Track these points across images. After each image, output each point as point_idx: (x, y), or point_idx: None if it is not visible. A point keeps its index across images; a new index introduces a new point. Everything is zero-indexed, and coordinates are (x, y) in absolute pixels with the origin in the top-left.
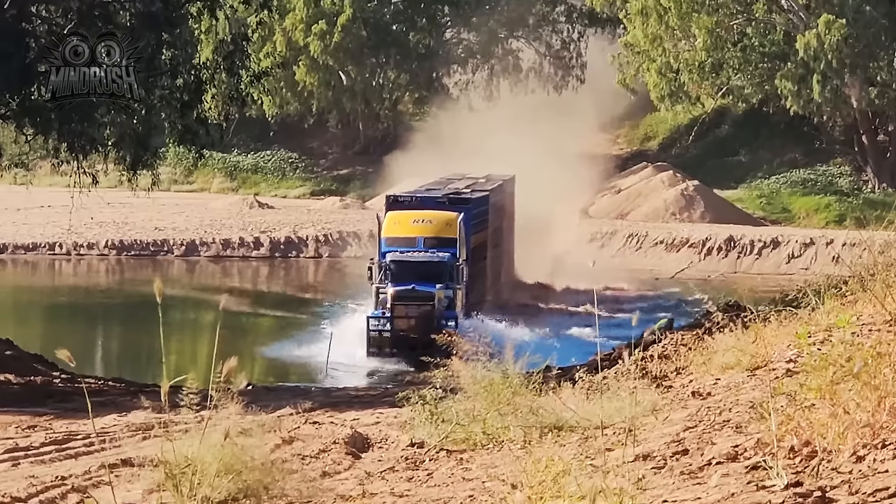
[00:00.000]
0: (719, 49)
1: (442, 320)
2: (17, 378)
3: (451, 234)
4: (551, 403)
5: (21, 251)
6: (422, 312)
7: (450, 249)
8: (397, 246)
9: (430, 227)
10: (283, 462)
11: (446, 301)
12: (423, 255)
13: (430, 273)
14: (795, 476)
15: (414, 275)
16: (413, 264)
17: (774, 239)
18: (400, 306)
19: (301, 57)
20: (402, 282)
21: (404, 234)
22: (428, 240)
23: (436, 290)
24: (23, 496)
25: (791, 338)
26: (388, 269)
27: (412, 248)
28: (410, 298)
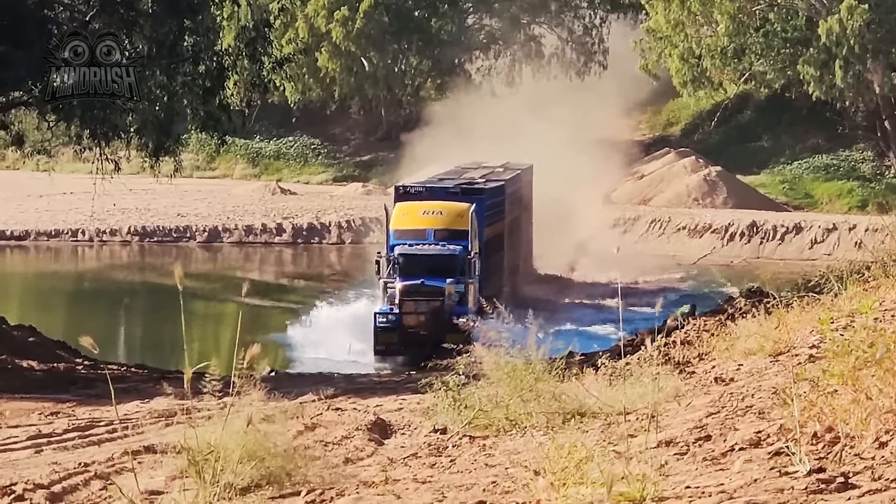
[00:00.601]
0: (742, 34)
1: (453, 316)
2: (40, 365)
3: (462, 225)
4: (574, 389)
5: (44, 238)
6: (431, 308)
7: (461, 242)
8: (406, 238)
9: (440, 218)
10: (305, 448)
11: (457, 296)
12: (434, 248)
13: (440, 267)
14: (818, 462)
15: (423, 269)
16: (423, 258)
17: (797, 224)
18: (408, 302)
19: (323, 43)
20: (411, 276)
21: (414, 227)
22: (438, 232)
23: (446, 285)
24: (46, 483)
25: (814, 323)
26: (396, 263)
27: (422, 241)
28: (419, 293)
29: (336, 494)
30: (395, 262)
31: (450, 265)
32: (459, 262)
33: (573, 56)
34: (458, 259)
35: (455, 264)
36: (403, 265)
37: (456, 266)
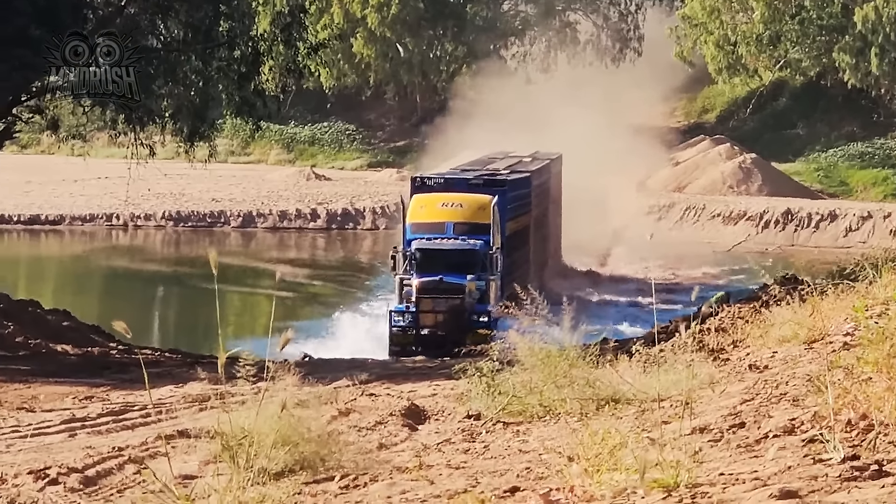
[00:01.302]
0: (777, 21)
1: (473, 315)
2: (74, 349)
3: (484, 219)
4: (608, 376)
5: (78, 222)
6: (450, 306)
7: (482, 236)
8: (424, 232)
9: (460, 211)
10: (339, 434)
11: (478, 294)
12: (453, 242)
13: (460, 263)
14: (852, 449)
15: (442, 264)
16: (441, 253)
17: (832, 212)
18: (426, 299)
19: (358, 29)
20: (429, 272)
21: (432, 220)
22: (458, 225)
23: (466, 282)
24: (80, 467)
25: (848, 311)
26: (413, 259)
27: (440, 235)
28: (438, 291)
29: (370, 480)
30: (411, 257)
31: (470, 261)
32: (480, 257)
33: (608, 43)
34: (479, 254)
35: (476, 260)
36: (421, 260)
37: (477, 262)
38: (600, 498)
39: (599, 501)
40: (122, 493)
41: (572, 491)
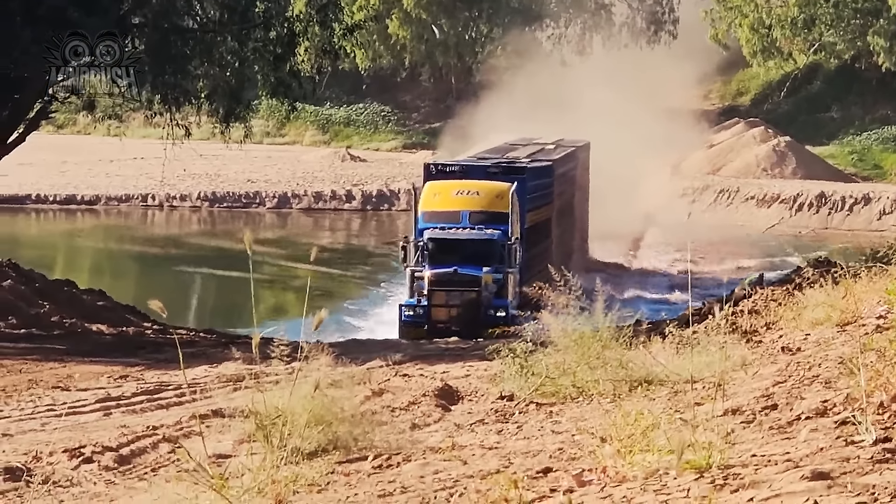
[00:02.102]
0: (812, 5)
1: (490, 310)
2: (109, 329)
3: (502, 207)
4: (641, 357)
5: (114, 202)
6: (465, 300)
7: (500, 226)
8: (437, 221)
9: (476, 199)
10: (372, 414)
11: (495, 287)
12: (468, 232)
13: (475, 254)
14: (884, 432)
15: (457, 255)
16: (456, 243)
17: (866, 195)
18: (439, 292)
19: (394, 10)
20: (442, 264)
21: (446, 208)
22: (474, 214)
23: (482, 274)
24: (114, 445)
25: (881, 294)
26: (425, 249)
27: (455, 225)
28: (452, 283)
29: (403, 459)
30: (423, 247)
31: (487, 252)
32: (498, 248)
33: (643, 25)
34: (497, 244)
35: (493, 251)
36: (433, 251)
37: (494, 253)
38: (632, 479)
39: (632, 482)
40: (156, 471)
41: (605, 472)
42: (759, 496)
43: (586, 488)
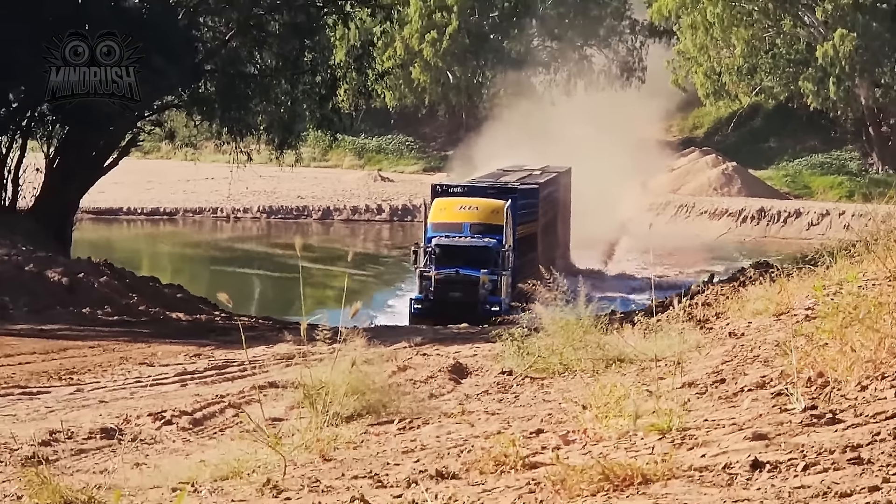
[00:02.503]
0: (754, 56)
1: (486, 305)
2: (185, 316)
3: (497, 220)
4: (615, 341)
5: (190, 214)
6: (465, 296)
7: (496, 236)
8: (443, 231)
9: (476, 213)
10: (398, 385)
11: (490, 285)
12: (469, 240)
13: (475, 258)
14: (811, 401)
15: (459, 259)
16: (458, 249)
17: (797, 210)
18: (443, 289)
19: (416, 59)
20: (447, 266)
21: (450, 220)
22: (474, 226)
23: (480, 275)
24: (189, 410)
25: (809, 290)
26: (433, 254)
27: (458, 234)
28: (454, 282)
29: (422, 423)
30: (431, 252)
31: (484, 256)
32: (493, 253)
33: (618, 72)
34: (493, 251)
35: (489, 256)
36: (439, 255)
37: (490, 257)
38: (608, 439)
39: (607, 441)
40: (223, 431)
41: (585, 433)
42: (710, 453)
43: (571, 446)
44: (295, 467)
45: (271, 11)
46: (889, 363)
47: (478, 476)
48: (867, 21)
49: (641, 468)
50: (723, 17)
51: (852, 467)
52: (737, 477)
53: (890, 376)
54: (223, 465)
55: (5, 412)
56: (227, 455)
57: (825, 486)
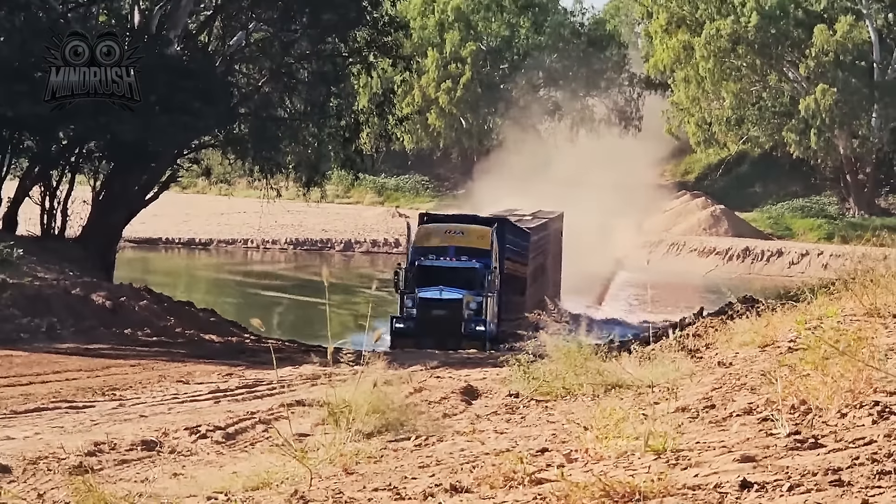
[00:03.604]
0: (742, 108)
1: (471, 325)
2: (218, 338)
3: (483, 245)
4: (613, 367)
5: (223, 244)
6: (447, 316)
7: (482, 259)
8: (428, 254)
9: (461, 237)
10: (414, 405)
11: (475, 306)
12: (454, 261)
13: (459, 279)
14: (795, 427)
15: (443, 281)
16: (443, 270)
17: (779, 250)
18: (426, 308)
19: (432, 106)
20: (430, 286)
21: (436, 244)
22: (460, 249)
23: (464, 296)
24: (222, 425)
25: (792, 324)
26: (416, 276)
27: (443, 257)
28: (437, 301)
29: (437, 440)
30: (416, 274)
31: (469, 277)
32: (479, 275)
33: (616, 121)
34: (478, 272)
35: (474, 277)
36: (423, 276)
37: (475, 279)
38: (608, 458)
39: (607, 461)
40: (253, 445)
41: (587, 452)
42: (702, 473)
43: (574, 464)
44: (320, 479)
45: (301, 61)
46: (867, 393)
47: (488, 490)
48: (846, 77)
49: (639, 486)
50: (713, 72)
51: (833, 489)
52: (727, 496)
53: (868, 405)
54: (254, 477)
55: (53, 424)
56: (258, 467)
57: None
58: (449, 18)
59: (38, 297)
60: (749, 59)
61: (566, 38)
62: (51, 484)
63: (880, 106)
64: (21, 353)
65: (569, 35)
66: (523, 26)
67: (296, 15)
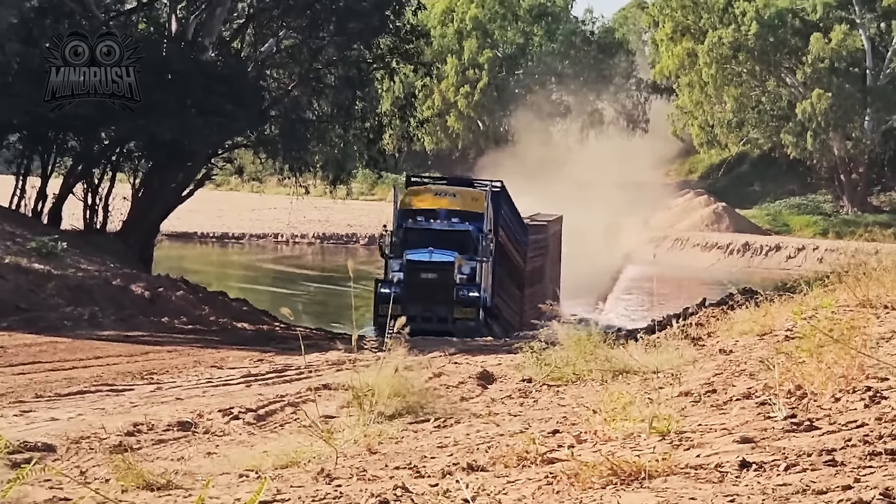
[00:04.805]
0: (742, 111)
1: (463, 290)
2: (250, 326)
3: (477, 208)
4: (621, 354)
5: (254, 238)
6: (438, 280)
7: (475, 223)
8: (416, 216)
9: (454, 200)
10: (433, 389)
11: (468, 270)
12: (445, 223)
13: (450, 242)
14: (791, 410)
15: (433, 244)
16: (433, 232)
17: (777, 244)
18: (414, 272)
19: (451, 109)
20: (419, 249)
21: (425, 206)
22: (451, 212)
23: (455, 258)
24: (254, 407)
25: (789, 314)
26: (404, 239)
27: (433, 219)
28: (426, 265)
29: (454, 422)
30: (403, 238)
31: (461, 241)
32: (472, 239)
33: (624, 123)
34: (471, 235)
35: (467, 241)
36: (411, 239)
37: (468, 242)
38: (615, 439)
39: (614, 441)
40: (282, 426)
41: (596, 434)
42: (703, 453)
43: (583, 445)
44: (345, 458)
45: (328, 66)
46: (859, 379)
47: (503, 469)
48: (840, 83)
49: (645, 465)
50: (716, 78)
51: (827, 468)
52: (727, 475)
53: (860, 390)
54: (283, 456)
55: (95, 406)
56: (287, 447)
57: (804, 484)
58: (467, 27)
59: (81, 287)
60: (749, 65)
61: (577, 46)
62: (93, 462)
63: (872, 110)
64: (65, 339)
65: (580, 43)
66: (537, 34)
67: (323, 23)
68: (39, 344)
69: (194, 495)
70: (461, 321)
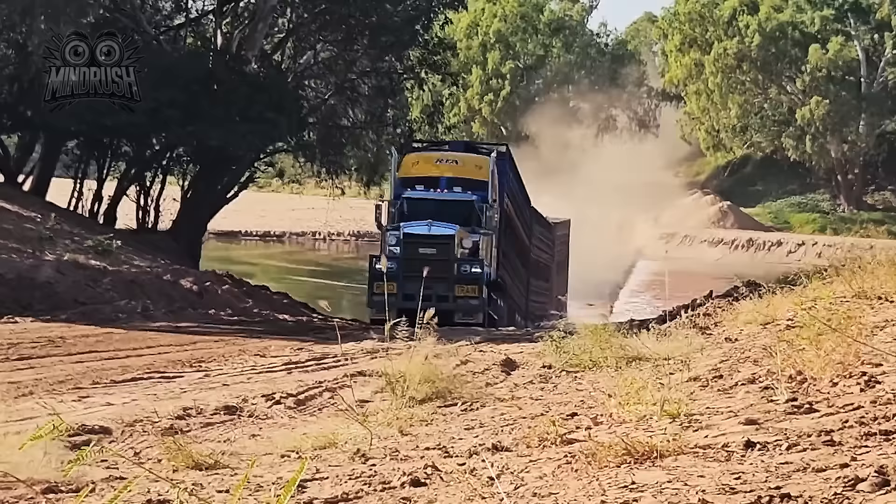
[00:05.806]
0: (746, 117)
1: (465, 266)
2: (290, 318)
3: (481, 176)
4: (634, 342)
5: (294, 236)
6: (437, 255)
7: (479, 192)
8: (415, 185)
9: (456, 167)
10: (461, 375)
11: (470, 244)
12: (446, 193)
13: (452, 213)
14: (793, 394)
15: (433, 215)
16: (433, 203)
17: (779, 240)
18: (412, 246)
19: (476, 116)
20: (418, 221)
21: (425, 174)
22: (453, 180)
23: (456, 231)
24: (294, 393)
25: (790, 304)
26: (401, 210)
27: (433, 188)
28: (425, 238)
29: (480, 406)
30: (400, 209)
31: (464, 212)
32: (475, 210)
33: (636, 128)
34: (475, 206)
35: (470, 212)
36: (410, 210)
37: (471, 214)
38: (629, 421)
39: (628, 424)
40: (321, 410)
41: (611, 416)
42: (711, 434)
43: (599, 426)
44: (379, 440)
45: (362, 77)
46: (855, 365)
47: (525, 449)
48: (837, 90)
49: (657, 445)
50: (721, 86)
51: (826, 448)
52: (733, 454)
53: (856, 375)
54: (321, 437)
55: (147, 392)
56: (325, 429)
57: (804, 462)
58: (491, 40)
59: (134, 282)
60: (752, 74)
61: (592, 57)
62: (145, 444)
63: (867, 115)
64: (119, 331)
65: (595, 54)
66: (555, 46)
67: (357, 37)
68: (96, 335)
69: (240, 474)
70: (462, 299)
